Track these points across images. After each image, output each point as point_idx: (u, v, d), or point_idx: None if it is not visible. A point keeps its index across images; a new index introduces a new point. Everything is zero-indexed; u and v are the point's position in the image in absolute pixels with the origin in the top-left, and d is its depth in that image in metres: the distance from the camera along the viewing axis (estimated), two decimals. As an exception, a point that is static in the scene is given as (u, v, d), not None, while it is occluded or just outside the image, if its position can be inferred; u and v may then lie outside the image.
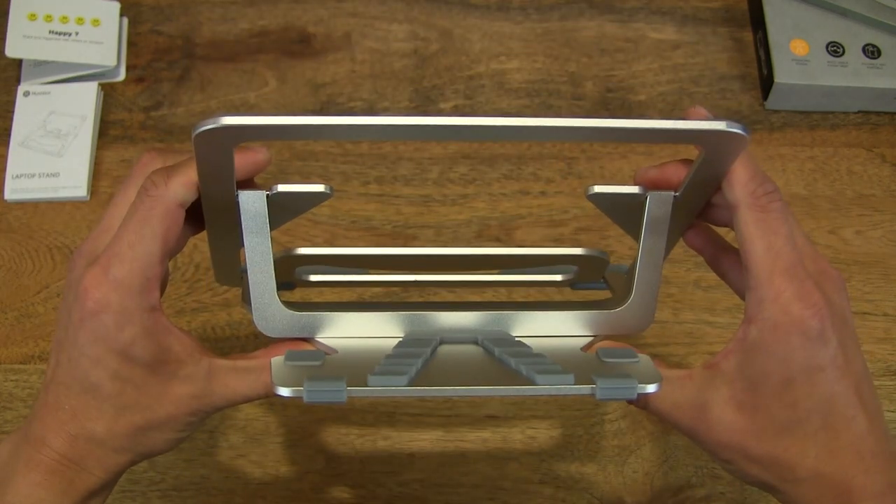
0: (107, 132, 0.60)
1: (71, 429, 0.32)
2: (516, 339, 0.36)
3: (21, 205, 0.57)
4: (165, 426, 0.33)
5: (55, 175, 0.57)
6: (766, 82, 0.60)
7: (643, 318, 0.36)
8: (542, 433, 0.51)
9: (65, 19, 0.61)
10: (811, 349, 0.30)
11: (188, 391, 0.33)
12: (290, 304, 0.36)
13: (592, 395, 0.31)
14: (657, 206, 0.34)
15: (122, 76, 0.62)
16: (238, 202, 0.34)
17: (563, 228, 0.57)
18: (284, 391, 0.31)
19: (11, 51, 0.60)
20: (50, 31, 0.61)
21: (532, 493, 0.50)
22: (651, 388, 0.32)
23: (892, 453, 0.31)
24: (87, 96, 0.60)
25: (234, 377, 0.34)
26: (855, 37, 0.60)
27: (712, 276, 0.38)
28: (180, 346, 0.33)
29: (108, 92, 0.61)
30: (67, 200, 0.57)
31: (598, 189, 0.35)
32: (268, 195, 0.34)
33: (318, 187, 0.34)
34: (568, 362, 0.34)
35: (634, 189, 0.35)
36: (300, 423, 0.51)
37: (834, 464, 0.31)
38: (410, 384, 0.31)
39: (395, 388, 0.31)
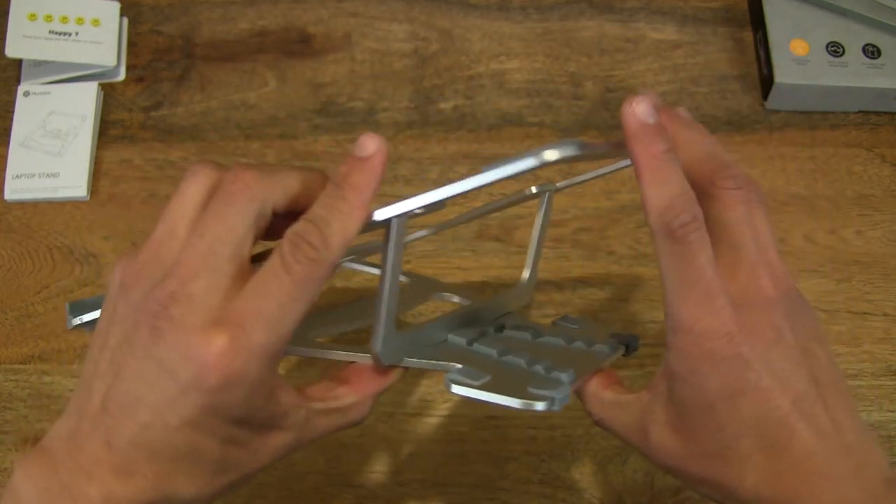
0: (107, 132, 0.60)
1: (149, 495, 0.28)
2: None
3: (21, 205, 0.57)
4: (253, 475, 0.31)
5: (55, 175, 0.57)
6: (766, 82, 0.60)
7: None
8: (542, 433, 0.51)
9: (65, 19, 0.61)
10: (728, 376, 0.29)
11: (287, 441, 0.32)
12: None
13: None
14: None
15: (122, 76, 0.62)
16: (392, 225, 0.31)
17: (562, 228, 0.57)
18: (541, 406, 0.31)
19: (11, 51, 0.60)
20: (50, 31, 0.61)
21: (532, 493, 0.50)
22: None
23: (856, 466, 0.29)
24: (87, 96, 0.60)
25: (326, 419, 0.33)
26: (855, 37, 0.60)
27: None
28: (286, 398, 0.31)
29: (108, 92, 0.61)
30: (67, 200, 0.57)
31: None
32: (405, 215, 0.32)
33: (439, 201, 0.31)
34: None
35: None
36: (300, 423, 0.51)
37: (776, 486, 0.29)
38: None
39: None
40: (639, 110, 0.30)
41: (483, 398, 0.30)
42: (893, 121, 0.61)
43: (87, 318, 0.33)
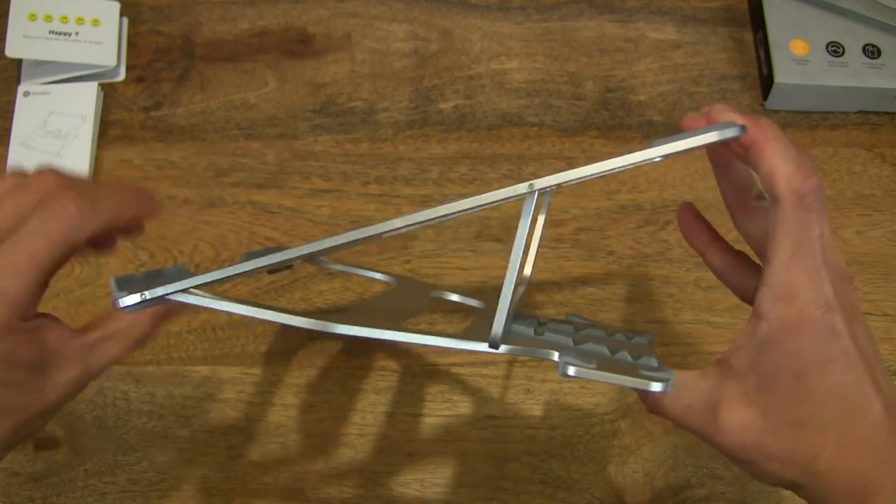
0: (107, 132, 0.60)
1: None
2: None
3: (21, 205, 0.57)
4: (47, 414, 0.34)
5: (55, 175, 0.57)
6: (766, 82, 0.60)
7: None
8: (542, 433, 0.51)
9: (65, 19, 0.61)
10: (822, 343, 0.31)
11: (71, 376, 0.33)
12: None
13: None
14: None
15: (122, 76, 0.62)
16: (534, 197, 0.31)
17: (562, 228, 0.57)
18: (659, 387, 0.29)
19: (11, 51, 0.60)
20: (50, 31, 0.61)
21: (532, 493, 0.50)
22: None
23: None
24: (87, 96, 0.60)
25: (108, 345, 0.35)
26: (855, 37, 0.60)
27: (712, 277, 0.38)
28: (54, 335, 0.33)
29: (108, 92, 0.61)
30: (67, 200, 0.57)
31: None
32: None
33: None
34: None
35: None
36: (300, 423, 0.51)
37: (851, 454, 0.31)
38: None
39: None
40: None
41: (605, 379, 0.30)
42: (893, 121, 0.61)
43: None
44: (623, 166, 0.30)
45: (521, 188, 0.30)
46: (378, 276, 0.50)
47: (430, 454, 0.51)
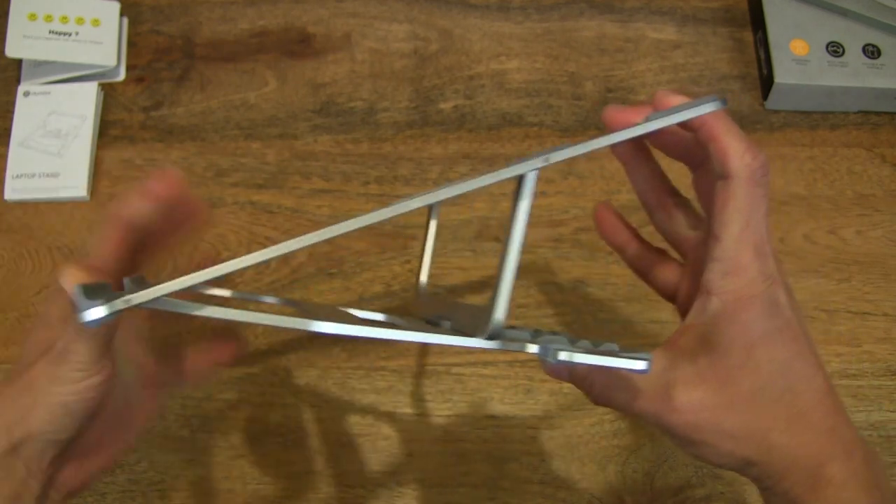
0: (107, 132, 0.60)
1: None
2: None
3: (21, 205, 0.57)
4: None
5: (55, 175, 0.57)
6: (766, 82, 0.60)
7: None
8: (542, 433, 0.51)
9: (65, 19, 0.61)
10: (769, 316, 0.31)
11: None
12: None
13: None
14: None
15: (122, 76, 0.62)
16: (526, 178, 0.31)
17: (562, 228, 0.57)
18: (643, 365, 0.29)
19: (11, 51, 0.60)
20: (50, 31, 0.61)
21: (532, 493, 0.50)
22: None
23: (843, 409, 0.32)
24: (87, 96, 0.60)
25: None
26: (855, 37, 0.60)
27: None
28: None
29: (108, 92, 0.61)
30: (67, 200, 0.57)
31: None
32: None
33: None
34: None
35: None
36: (300, 423, 0.51)
37: (801, 426, 0.31)
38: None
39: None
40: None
41: (593, 362, 0.29)
42: (893, 121, 0.61)
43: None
44: (624, 139, 0.31)
45: (537, 162, 0.30)
46: (271, 300, 0.47)
47: (430, 454, 0.51)
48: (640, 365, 0.29)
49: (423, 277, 0.44)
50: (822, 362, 0.32)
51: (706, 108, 0.31)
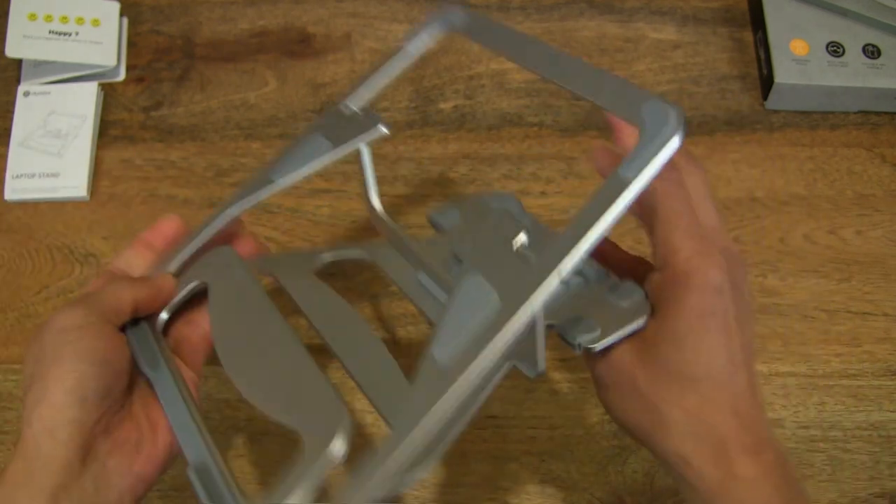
0: (107, 132, 0.60)
1: None
2: None
3: (21, 205, 0.57)
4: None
5: (55, 175, 0.57)
6: (766, 82, 0.60)
7: None
8: (542, 433, 0.51)
9: (65, 19, 0.61)
10: (707, 297, 0.32)
11: None
12: None
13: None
14: None
15: (122, 76, 0.62)
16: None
17: (563, 228, 0.57)
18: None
19: (11, 51, 0.60)
20: (50, 31, 0.61)
21: (532, 493, 0.50)
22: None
23: (762, 408, 0.33)
24: (87, 96, 0.60)
25: None
26: (855, 37, 0.60)
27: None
28: None
29: (108, 92, 0.61)
30: (67, 200, 0.57)
31: None
32: None
33: None
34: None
35: None
36: (300, 423, 0.51)
37: (711, 411, 0.31)
38: None
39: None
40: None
41: (616, 338, 0.34)
42: (893, 121, 0.61)
43: None
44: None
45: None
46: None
47: (430, 454, 0.51)
48: (642, 323, 0.34)
49: (376, 203, 0.47)
50: (749, 359, 0.32)
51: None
